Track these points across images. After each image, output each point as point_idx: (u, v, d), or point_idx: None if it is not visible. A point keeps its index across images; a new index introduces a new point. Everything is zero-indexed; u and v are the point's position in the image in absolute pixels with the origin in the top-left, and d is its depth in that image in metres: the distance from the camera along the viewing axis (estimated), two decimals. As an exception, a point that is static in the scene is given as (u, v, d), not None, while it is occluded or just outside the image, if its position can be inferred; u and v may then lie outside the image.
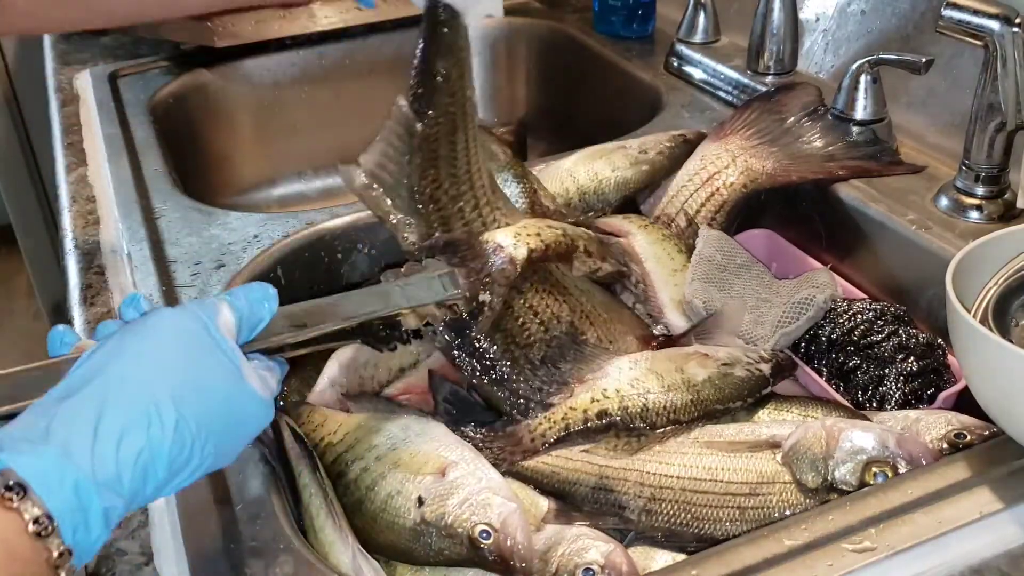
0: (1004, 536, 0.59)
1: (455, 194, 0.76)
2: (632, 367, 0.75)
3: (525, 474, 0.72)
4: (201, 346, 0.52)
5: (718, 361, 0.76)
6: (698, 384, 0.74)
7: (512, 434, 0.72)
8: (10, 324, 2.71)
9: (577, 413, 0.72)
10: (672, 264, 0.87)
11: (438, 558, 0.64)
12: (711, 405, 0.73)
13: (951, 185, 0.89)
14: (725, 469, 0.69)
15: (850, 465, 0.66)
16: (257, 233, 0.94)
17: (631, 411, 0.72)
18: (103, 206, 1.02)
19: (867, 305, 0.83)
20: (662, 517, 0.68)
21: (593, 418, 0.71)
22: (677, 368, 0.75)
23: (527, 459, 0.71)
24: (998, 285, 0.68)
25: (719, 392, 0.74)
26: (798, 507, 0.66)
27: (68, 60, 1.42)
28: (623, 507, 0.69)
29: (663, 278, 0.86)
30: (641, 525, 0.68)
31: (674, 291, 0.85)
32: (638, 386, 0.73)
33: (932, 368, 0.79)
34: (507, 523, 0.63)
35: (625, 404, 0.72)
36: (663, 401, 0.72)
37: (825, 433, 0.68)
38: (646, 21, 1.37)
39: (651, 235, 0.90)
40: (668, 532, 0.68)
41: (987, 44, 0.81)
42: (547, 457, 0.71)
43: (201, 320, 0.53)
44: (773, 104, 1.00)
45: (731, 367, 0.76)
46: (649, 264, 0.87)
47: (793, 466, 0.68)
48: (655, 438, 0.72)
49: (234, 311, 0.56)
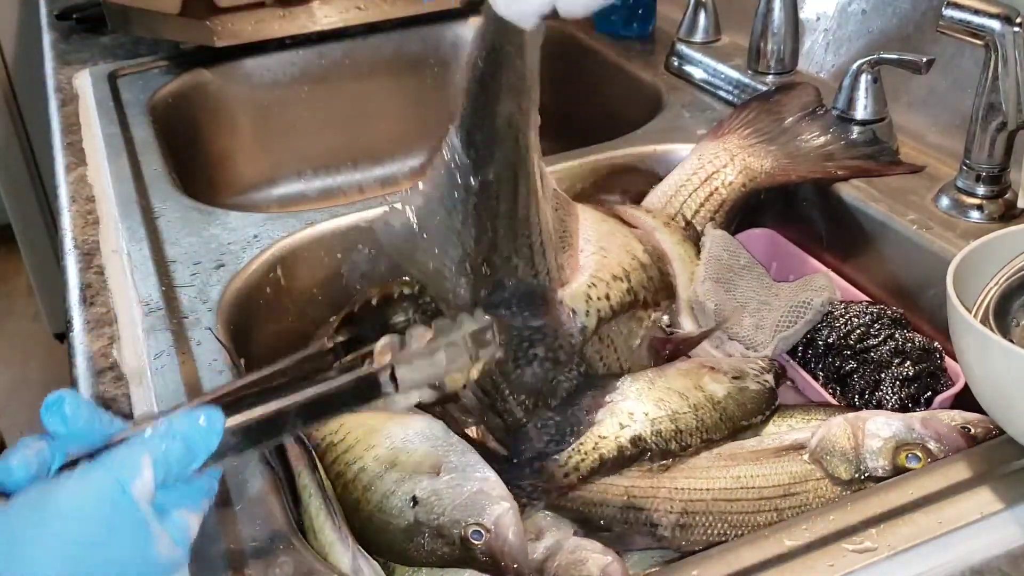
0: (1005, 536, 0.59)
1: (509, 253, 0.66)
2: (651, 387, 0.73)
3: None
4: (107, 526, 0.45)
5: (728, 375, 0.76)
6: (721, 400, 0.73)
7: (543, 470, 0.69)
8: (10, 324, 2.71)
9: (609, 441, 0.69)
10: (691, 266, 0.87)
11: (432, 558, 0.64)
12: (738, 422, 0.73)
13: (952, 185, 0.89)
14: (755, 476, 0.68)
15: (881, 452, 0.67)
16: (257, 233, 0.94)
17: (664, 435, 0.70)
18: (103, 206, 1.02)
19: (864, 308, 0.83)
20: (698, 530, 0.67)
21: (628, 445, 0.69)
22: (695, 385, 0.74)
23: (563, 494, 0.68)
24: (999, 285, 0.68)
25: (742, 408, 0.74)
26: (836, 499, 0.66)
27: (68, 60, 1.42)
28: (655, 524, 0.67)
29: (683, 282, 0.85)
30: (676, 541, 0.67)
31: (685, 293, 0.85)
32: (664, 407, 0.71)
33: (928, 372, 0.78)
34: (500, 524, 0.62)
35: (657, 428, 0.70)
36: (694, 422, 0.71)
37: (850, 426, 0.68)
38: (646, 21, 1.37)
39: (673, 235, 0.88)
40: (706, 545, 0.66)
41: (988, 44, 0.81)
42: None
43: (115, 489, 0.46)
44: (772, 104, 1.00)
45: (743, 380, 0.75)
46: (676, 264, 0.86)
47: (823, 462, 0.68)
48: (689, 455, 0.70)
49: (156, 467, 0.48)
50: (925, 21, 1.01)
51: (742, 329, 0.82)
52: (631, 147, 1.08)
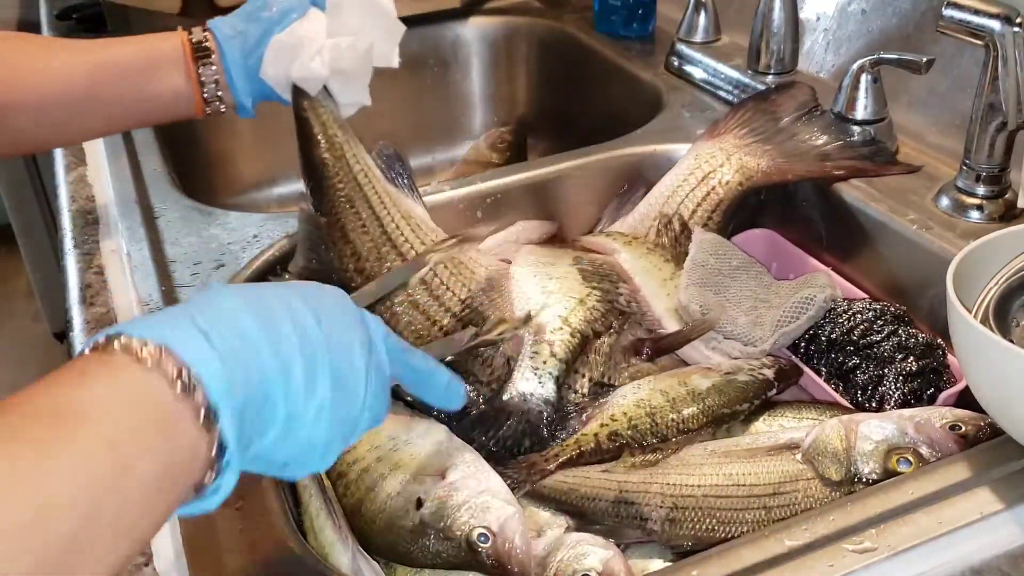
0: (1004, 536, 0.59)
1: (377, 256, 0.79)
2: (636, 391, 0.75)
3: (544, 492, 0.71)
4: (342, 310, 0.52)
5: (721, 371, 0.76)
6: (703, 392, 0.74)
7: (526, 459, 0.72)
8: (10, 325, 2.71)
9: (588, 437, 0.72)
10: (661, 274, 0.87)
11: (436, 560, 0.64)
12: (717, 410, 0.74)
13: (952, 185, 0.89)
14: (746, 474, 0.69)
15: (873, 455, 0.67)
16: (257, 233, 0.94)
17: (640, 428, 0.72)
18: (102, 206, 1.02)
19: (867, 305, 0.83)
20: (687, 525, 0.68)
21: (605, 440, 0.72)
22: (680, 382, 0.75)
23: (543, 477, 0.71)
24: (999, 285, 0.68)
25: (724, 397, 0.75)
26: (825, 501, 0.66)
27: (68, 60, 1.41)
28: (645, 519, 0.68)
29: (654, 290, 0.86)
30: (665, 535, 0.68)
31: (667, 301, 0.85)
32: (643, 405, 0.73)
33: (932, 368, 0.78)
34: (505, 527, 0.62)
35: (634, 424, 0.72)
36: (670, 414, 0.73)
37: (843, 427, 0.69)
38: (646, 21, 1.37)
39: (636, 250, 0.90)
40: (694, 539, 0.67)
41: (988, 44, 0.81)
42: (566, 475, 0.71)
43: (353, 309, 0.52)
44: (768, 103, 1.01)
45: (734, 375, 0.76)
46: (639, 279, 0.87)
47: (815, 463, 0.68)
48: (671, 448, 0.72)
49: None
50: (925, 21, 1.01)
51: (737, 327, 0.82)
52: (631, 147, 1.08)
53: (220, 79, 0.85)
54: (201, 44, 0.84)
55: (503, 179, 1.03)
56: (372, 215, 0.80)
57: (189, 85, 0.84)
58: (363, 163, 0.83)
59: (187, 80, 0.84)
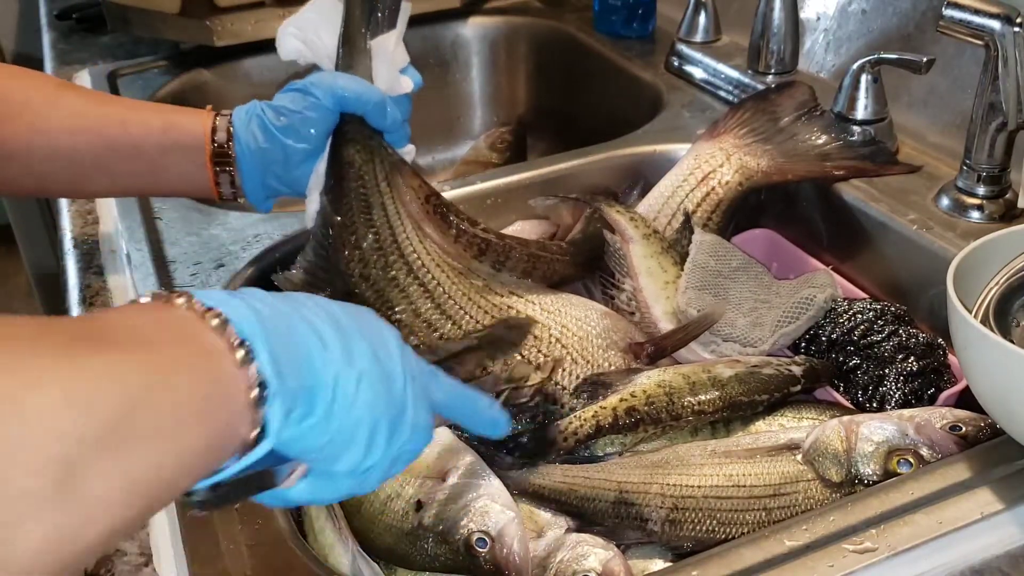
0: (1005, 536, 0.59)
1: (384, 264, 0.78)
2: (661, 373, 0.76)
3: (543, 493, 0.71)
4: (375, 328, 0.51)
5: (749, 364, 0.77)
6: (724, 380, 0.75)
7: (543, 432, 0.73)
8: (10, 324, 2.70)
9: (607, 411, 0.73)
10: (665, 276, 0.87)
11: (434, 563, 0.64)
12: (736, 397, 0.74)
13: (952, 185, 0.89)
14: (746, 474, 0.69)
15: (873, 457, 0.67)
16: (257, 233, 0.94)
17: (656, 406, 0.73)
18: (102, 206, 1.02)
19: (867, 305, 0.83)
20: (687, 526, 0.68)
21: (622, 415, 0.72)
22: (704, 369, 0.76)
23: (562, 453, 0.72)
24: (999, 285, 0.68)
25: (744, 386, 0.75)
26: (825, 502, 0.66)
27: (67, 59, 1.42)
28: (645, 519, 0.68)
29: (655, 292, 0.86)
30: (665, 536, 0.68)
31: (667, 304, 0.85)
32: (664, 386, 0.74)
33: (932, 368, 0.78)
34: (504, 532, 0.62)
35: (652, 401, 0.73)
36: (687, 396, 0.74)
37: (844, 429, 0.69)
38: (646, 21, 1.37)
39: (649, 247, 0.89)
40: (694, 540, 0.67)
41: (988, 44, 0.81)
42: (566, 475, 0.71)
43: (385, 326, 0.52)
44: (767, 103, 1.00)
45: (760, 368, 0.76)
46: (643, 279, 0.87)
47: (815, 464, 0.68)
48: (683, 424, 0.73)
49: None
50: (925, 21, 1.01)
51: (735, 329, 0.82)
52: (631, 147, 1.08)
53: (236, 183, 0.83)
54: (222, 148, 0.82)
55: (503, 179, 1.03)
56: (385, 221, 0.80)
57: (205, 180, 0.83)
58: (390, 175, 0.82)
59: (203, 174, 0.83)
